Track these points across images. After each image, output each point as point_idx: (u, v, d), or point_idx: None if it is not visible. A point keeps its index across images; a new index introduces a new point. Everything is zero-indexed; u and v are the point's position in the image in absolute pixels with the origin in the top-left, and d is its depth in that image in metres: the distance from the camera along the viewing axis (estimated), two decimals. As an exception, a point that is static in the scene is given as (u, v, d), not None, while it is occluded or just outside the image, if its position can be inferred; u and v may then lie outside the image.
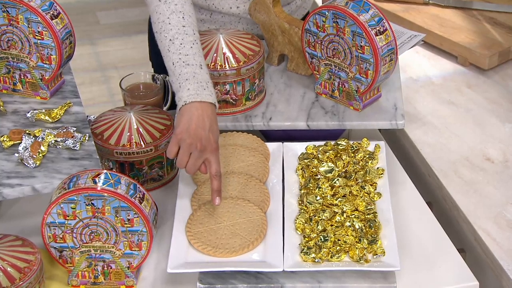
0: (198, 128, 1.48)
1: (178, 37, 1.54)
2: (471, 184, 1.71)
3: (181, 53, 1.53)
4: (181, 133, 1.48)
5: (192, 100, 1.49)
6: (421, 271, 1.50)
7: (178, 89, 1.52)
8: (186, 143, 1.48)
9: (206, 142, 1.49)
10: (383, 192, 1.59)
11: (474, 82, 2.02)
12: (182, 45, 1.54)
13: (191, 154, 1.49)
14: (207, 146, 1.49)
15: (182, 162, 1.50)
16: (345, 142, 1.68)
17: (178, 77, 1.52)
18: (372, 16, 1.64)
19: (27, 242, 1.43)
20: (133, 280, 1.48)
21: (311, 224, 1.52)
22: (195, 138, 1.48)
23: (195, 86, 1.50)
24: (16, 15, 1.64)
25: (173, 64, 1.53)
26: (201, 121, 1.49)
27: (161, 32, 1.56)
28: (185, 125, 1.49)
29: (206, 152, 1.50)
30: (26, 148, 1.56)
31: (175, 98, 1.53)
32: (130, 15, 4.15)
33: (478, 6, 2.22)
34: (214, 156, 1.51)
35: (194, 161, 1.50)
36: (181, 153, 1.49)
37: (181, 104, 1.50)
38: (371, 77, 1.67)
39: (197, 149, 1.49)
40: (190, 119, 1.49)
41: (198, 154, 1.49)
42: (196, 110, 1.49)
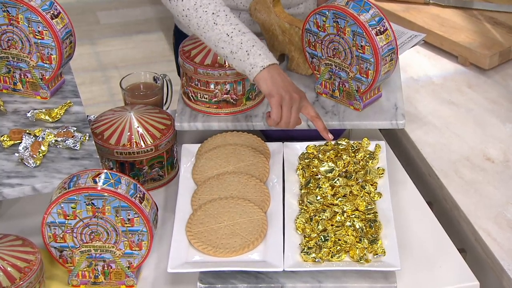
0: (285, 83, 1.55)
1: (220, 9, 1.58)
2: (471, 184, 1.71)
3: (232, 23, 1.57)
4: (278, 93, 1.54)
5: (268, 64, 1.55)
6: (421, 271, 1.50)
7: (246, 56, 1.55)
8: (286, 100, 1.54)
9: (298, 91, 1.56)
10: (384, 192, 1.59)
11: (474, 82, 2.02)
12: (228, 16, 1.57)
13: (293, 108, 1.55)
14: (300, 94, 1.56)
15: (288, 119, 1.56)
16: (345, 142, 1.68)
17: (242, 46, 1.55)
18: (373, 16, 1.64)
19: (27, 242, 1.43)
20: (133, 280, 1.48)
21: (311, 224, 1.52)
22: (290, 92, 1.54)
23: (263, 51, 1.56)
24: (16, 15, 1.64)
25: (227, 35, 1.55)
26: (283, 77, 1.56)
27: (197, 8, 1.57)
28: (275, 86, 1.54)
29: (302, 100, 1.56)
30: (26, 148, 1.56)
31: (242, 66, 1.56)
32: (130, 15, 4.14)
33: (479, 6, 2.21)
34: (307, 101, 1.58)
35: (296, 113, 1.56)
36: (286, 110, 1.55)
37: (258, 70, 1.55)
38: (371, 77, 1.67)
39: (296, 100, 1.54)
40: (275, 80, 1.54)
41: (298, 105, 1.56)
42: (273, 70, 1.55)
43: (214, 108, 1.73)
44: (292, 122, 1.56)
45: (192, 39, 1.76)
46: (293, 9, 1.88)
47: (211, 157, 1.66)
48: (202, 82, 1.70)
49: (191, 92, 1.73)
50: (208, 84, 1.70)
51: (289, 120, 1.56)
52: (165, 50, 3.77)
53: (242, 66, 1.56)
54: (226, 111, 1.73)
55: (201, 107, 1.73)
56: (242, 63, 1.55)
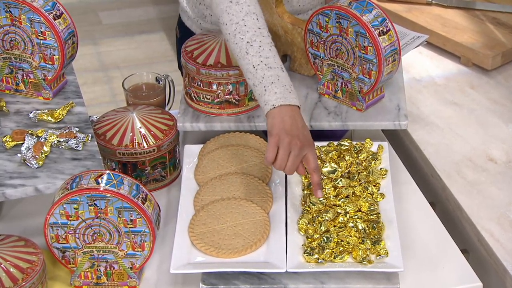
0: (293, 126, 1.49)
1: (256, 39, 1.54)
2: (474, 184, 1.71)
3: (262, 56, 1.53)
4: (278, 134, 1.48)
5: (281, 104, 1.49)
6: (424, 272, 1.50)
7: (263, 92, 1.51)
8: (285, 143, 1.48)
9: (303, 139, 1.49)
10: (386, 192, 1.59)
11: (477, 83, 2.01)
12: (261, 48, 1.53)
13: (291, 153, 1.49)
14: (305, 142, 1.49)
15: (283, 162, 1.49)
16: (348, 142, 1.68)
17: (262, 80, 1.51)
18: (375, 17, 1.63)
19: (29, 243, 1.43)
20: (135, 281, 1.48)
21: (314, 225, 1.52)
22: (293, 136, 1.48)
23: (282, 90, 1.50)
24: (19, 15, 1.64)
25: (253, 67, 1.52)
26: (294, 121, 1.49)
27: (236, 34, 1.54)
28: (280, 125, 1.49)
29: (305, 148, 1.50)
30: (28, 149, 1.56)
31: (260, 100, 1.52)
32: (132, 15, 4.14)
33: (481, 6, 2.21)
34: (311, 151, 1.50)
35: (293, 160, 1.49)
36: (282, 153, 1.48)
37: (269, 107, 1.50)
38: (374, 78, 1.67)
39: (296, 146, 1.48)
40: (283, 120, 1.49)
41: (298, 152, 1.49)
42: (286, 111, 1.49)
43: (216, 109, 1.73)
44: (289, 167, 1.49)
45: (194, 39, 1.76)
46: (302, 15, 1.87)
47: (214, 158, 1.66)
48: (205, 83, 1.70)
49: (194, 93, 1.73)
50: (210, 85, 1.70)
51: (284, 164, 1.49)
52: (167, 50, 3.77)
53: (259, 101, 1.52)
54: (228, 111, 1.73)
55: (204, 108, 1.73)
56: (259, 97, 1.52)
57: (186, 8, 1.88)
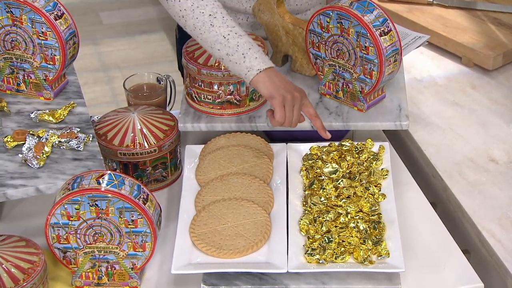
0: (285, 84, 1.54)
1: (217, 11, 1.56)
2: (475, 185, 1.71)
3: (228, 26, 1.55)
4: (279, 94, 1.53)
5: (265, 67, 1.54)
6: (425, 272, 1.50)
7: (242, 59, 1.54)
8: (289, 100, 1.53)
9: (299, 90, 1.55)
10: (388, 193, 1.59)
11: (478, 83, 2.01)
12: (224, 18, 1.56)
13: (294, 107, 1.54)
14: (300, 93, 1.55)
15: (291, 118, 1.55)
16: (349, 143, 1.68)
17: (238, 48, 1.54)
18: (377, 17, 1.63)
19: (31, 243, 1.43)
20: (137, 281, 1.48)
21: (315, 225, 1.52)
22: (291, 91, 1.53)
23: (260, 54, 1.55)
24: (20, 16, 1.64)
25: (224, 38, 1.54)
26: (281, 78, 1.55)
27: (194, 9, 1.56)
28: (275, 87, 1.53)
29: (303, 98, 1.55)
30: (30, 149, 1.55)
31: (239, 69, 1.55)
32: (133, 15, 4.15)
33: (482, 7, 2.21)
34: (307, 99, 1.57)
35: (298, 112, 1.55)
36: (289, 110, 1.54)
37: (254, 73, 1.53)
38: (375, 78, 1.66)
39: (297, 99, 1.54)
40: (274, 81, 1.53)
41: (300, 103, 1.55)
42: (270, 72, 1.54)
43: (217, 109, 1.73)
44: (295, 121, 1.56)
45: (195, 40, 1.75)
46: (300, 15, 1.87)
47: (215, 158, 1.66)
48: (206, 83, 1.70)
49: (195, 93, 1.73)
50: (211, 85, 1.70)
51: (292, 119, 1.55)
52: (167, 50, 3.77)
53: (238, 69, 1.55)
54: (229, 112, 1.73)
55: (205, 108, 1.73)
56: (238, 66, 1.54)
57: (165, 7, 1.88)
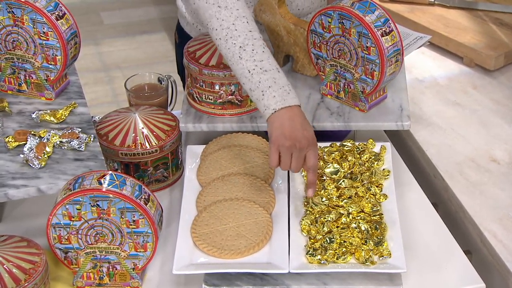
0: (292, 129, 1.50)
1: (248, 43, 1.54)
2: (476, 185, 1.71)
3: (256, 59, 1.53)
4: (277, 140, 1.50)
5: (281, 107, 1.51)
6: (427, 273, 1.50)
7: (261, 97, 1.52)
8: (285, 147, 1.50)
9: (303, 140, 1.51)
10: (389, 193, 1.58)
11: (479, 83, 2.01)
12: (254, 51, 1.53)
13: (293, 155, 1.51)
14: (305, 143, 1.51)
15: (286, 165, 1.52)
16: (350, 143, 1.67)
17: (259, 85, 1.52)
18: (378, 17, 1.63)
19: (32, 243, 1.43)
20: (138, 282, 1.48)
21: (316, 226, 1.52)
22: (292, 139, 1.50)
23: (280, 92, 1.51)
24: (21, 16, 1.64)
25: (249, 72, 1.52)
26: (292, 123, 1.51)
27: (228, 39, 1.54)
28: (278, 131, 1.50)
29: (305, 148, 1.52)
30: (31, 149, 1.55)
31: (259, 105, 1.53)
32: (133, 15, 4.15)
33: (484, 7, 2.21)
34: (312, 151, 1.53)
35: (296, 161, 1.52)
36: (284, 157, 1.51)
37: (270, 112, 1.51)
38: (377, 78, 1.66)
39: (296, 148, 1.51)
40: (282, 124, 1.50)
41: (299, 153, 1.51)
42: (285, 114, 1.51)
43: (219, 109, 1.73)
44: (293, 168, 1.53)
45: (197, 40, 1.76)
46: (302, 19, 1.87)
47: (216, 159, 1.66)
48: (207, 83, 1.70)
49: (196, 93, 1.73)
50: (213, 85, 1.70)
51: (287, 165, 1.52)
52: (168, 50, 3.77)
53: (258, 106, 1.53)
54: (231, 112, 1.73)
55: (206, 108, 1.73)
56: (258, 102, 1.52)
57: (185, 14, 1.88)
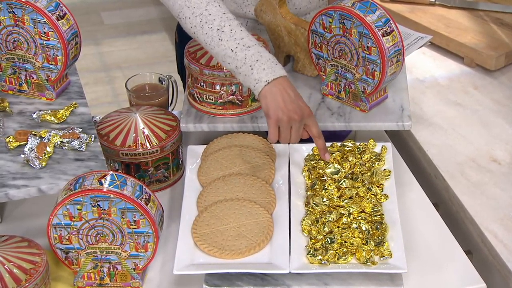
0: (286, 102, 1.52)
1: (225, 25, 1.56)
2: (477, 185, 1.71)
3: (236, 38, 1.55)
4: (275, 114, 1.52)
5: (273, 78, 1.52)
6: (428, 273, 1.50)
7: (250, 71, 1.53)
8: (284, 121, 1.52)
9: (300, 111, 1.53)
10: (390, 193, 1.58)
11: (480, 83, 2.01)
12: (232, 31, 1.55)
13: (292, 128, 1.53)
14: (302, 114, 1.53)
15: (286, 138, 1.54)
16: (351, 143, 1.67)
17: (245, 61, 1.53)
18: (379, 17, 1.63)
19: (33, 244, 1.43)
20: (139, 282, 1.48)
21: (317, 226, 1.52)
22: (289, 112, 1.52)
23: (268, 65, 1.53)
24: (22, 16, 1.64)
25: (232, 51, 1.54)
26: (286, 95, 1.52)
27: (203, 24, 1.56)
28: (273, 104, 1.52)
29: (303, 119, 1.53)
30: (32, 149, 1.55)
31: (248, 81, 1.54)
32: (134, 15, 4.15)
33: (484, 7, 2.21)
34: (311, 119, 1.54)
35: (296, 133, 1.54)
36: (283, 131, 1.53)
37: (262, 85, 1.52)
38: (377, 78, 1.66)
39: (295, 120, 1.52)
40: (276, 98, 1.52)
41: (298, 125, 1.53)
42: (275, 87, 1.52)
43: (219, 109, 1.72)
44: (293, 140, 1.55)
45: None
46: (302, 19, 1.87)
47: (217, 159, 1.66)
48: (208, 83, 1.70)
49: (197, 93, 1.73)
50: (213, 85, 1.70)
51: (288, 139, 1.54)
52: (168, 50, 3.77)
53: (248, 82, 1.54)
54: (231, 112, 1.73)
55: (207, 108, 1.73)
56: (247, 78, 1.53)
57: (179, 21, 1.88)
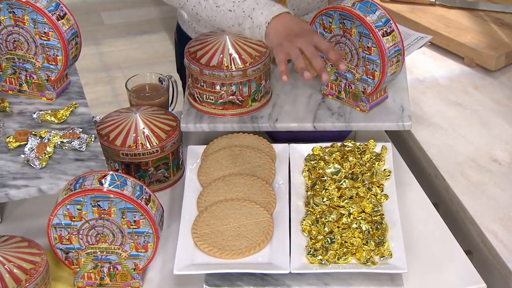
0: (287, 29, 1.51)
1: None
2: (477, 185, 1.71)
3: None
4: (278, 43, 1.50)
5: (271, 17, 1.52)
6: (428, 273, 1.50)
7: (251, 22, 1.54)
8: (287, 44, 1.50)
9: (301, 30, 1.51)
10: (390, 193, 1.58)
11: (480, 83, 2.01)
12: None
13: (301, 46, 1.49)
14: (304, 32, 1.51)
15: (299, 55, 1.50)
16: (351, 143, 1.67)
17: (244, 14, 1.54)
18: (379, 17, 1.63)
19: (33, 244, 1.43)
20: (139, 282, 1.48)
21: (317, 226, 1.52)
22: (290, 35, 1.50)
23: (266, 8, 1.54)
24: (22, 16, 1.64)
25: (230, 11, 1.55)
26: (286, 25, 1.52)
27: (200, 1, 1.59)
28: (275, 38, 1.51)
29: (308, 35, 1.51)
30: (32, 149, 1.55)
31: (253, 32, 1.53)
32: (134, 15, 4.15)
33: (485, 7, 2.21)
34: (315, 37, 1.52)
35: (307, 48, 1.50)
36: (291, 53, 1.50)
37: (264, 28, 1.52)
38: (378, 78, 1.66)
39: (299, 38, 1.50)
40: (277, 31, 1.52)
41: (305, 42, 1.50)
42: (275, 24, 1.52)
43: (220, 110, 1.72)
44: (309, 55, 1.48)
45: (197, 40, 1.75)
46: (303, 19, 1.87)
47: (217, 159, 1.66)
48: (208, 83, 1.70)
49: (197, 93, 1.73)
50: (214, 85, 1.70)
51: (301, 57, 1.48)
52: (168, 50, 3.77)
53: (254, 34, 1.53)
54: (232, 112, 1.73)
55: (207, 108, 1.73)
56: (252, 31, 1.53)
57: (181, 11, 1.89)
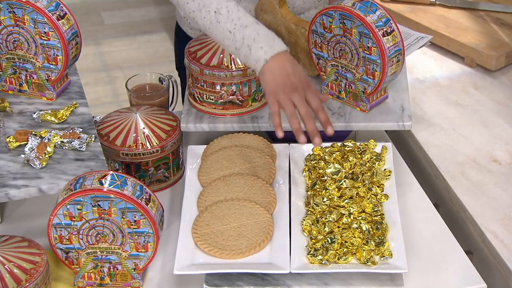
0: (283, 77, 1.51)
1: (222, 7, 1.56)
2: (478, 185, 1.71)
3: (233, 19, 1.55)
4: (273, 91, 1.51)
5: (270, 55, 1.52)
6: (428, 273, 1.50)
7: (249, 52, 1.53)
8: (283, 97, 1.51)
9: (298, 84, 1.51)
10: (390, 193, 1.58)
11: (481, 83, 2.01)
12: (229, 12, 1.56)
13: (294, 101, 1.50)
14: (299, 86, 1.51)
15: (293, 113, 1.51)
16: (352, 143, 1.67)
17: (243, 41, 1.53)
18: (379, 17, 1.63)
19: (33, 244, 1.43)
20: (139, 282, 1.48)
21: (318, 226, 1.52)
22: (287, 87, 1.50)
23: (266, 42, 1.53)
24: (22, 16, 1.64)
25: (230, 32, 1.54)
26: (283, 70, 1.51)
27: (201, 8, 1.57)
28: (271, 82, 1.51)
29: (302, 89, 1.51)
30: (32, 149, 1.55)
31: (248, 62, 1.53)
32: (134, 15, 4.15)
33: (485, 7, 2.21)
34: (310, 92, 1.52)
35: (300, 104, 1.50)
36: (285, 107, 1.51)
37: (261, 64, 1.52)
38: (378, 78, 1.66)
39: (294, 92, 1.50)
40: (273, 74, 1.51)
41: (299, 97, 1.51)
42: (273, 63, 1.52)
43: (220, 109, 1.72)
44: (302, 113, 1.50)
45: (198, 40, 1.75)
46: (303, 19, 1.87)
47: (217, 159, 1.66)
48: (208, 83, 1.70)
49: (197, 93, 1.73)
50: (214, 85, 1.70)
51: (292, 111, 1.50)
52: (168, 50, 3.77)
53: (249, 63, 1.54)
54: (232, 112, 1.73)
55: (207, 108, 1.73)
56: (247, 58, 1.54)
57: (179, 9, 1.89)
